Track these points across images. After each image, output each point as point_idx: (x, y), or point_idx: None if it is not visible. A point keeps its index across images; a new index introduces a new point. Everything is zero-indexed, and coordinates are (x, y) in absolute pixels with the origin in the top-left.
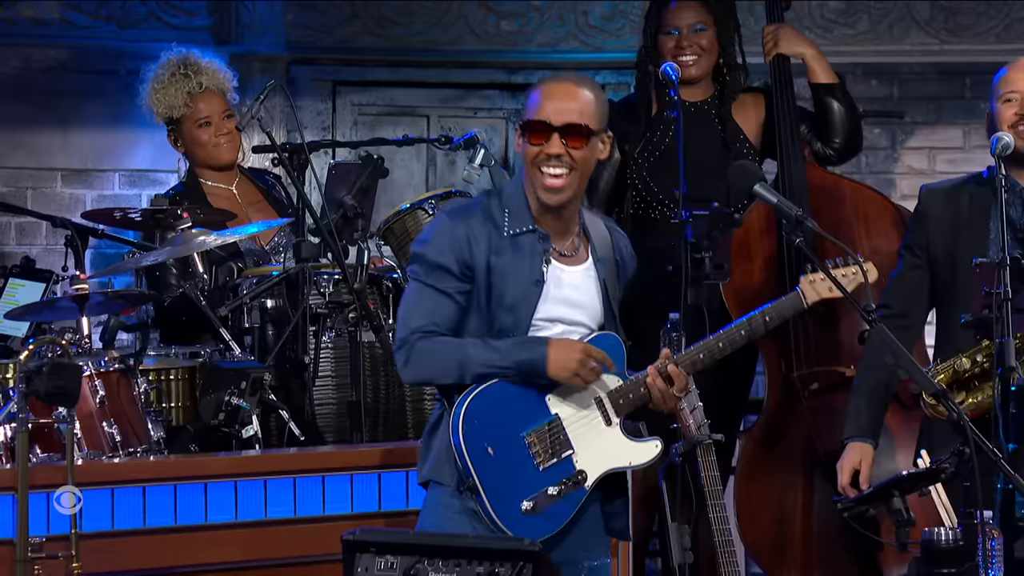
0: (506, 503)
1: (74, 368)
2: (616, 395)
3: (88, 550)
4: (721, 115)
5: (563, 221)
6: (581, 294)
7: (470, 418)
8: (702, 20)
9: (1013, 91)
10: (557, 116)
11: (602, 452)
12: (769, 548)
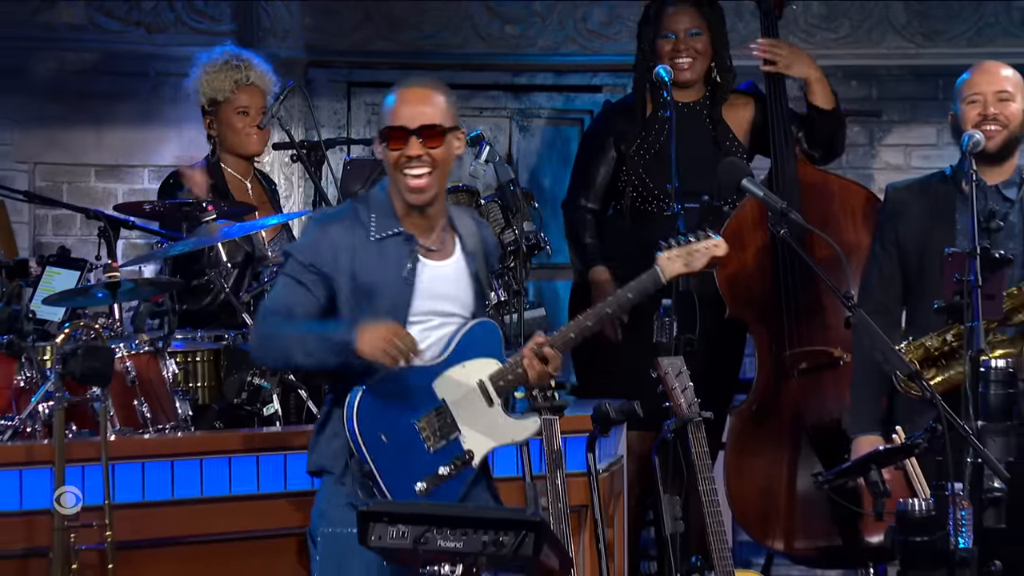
0: (401, 485)
1: (107, 350)
2: (496, 378)
3: (120, 519)
4: (712, 115)
5: (429, 219)
6: (452, 287)
7: (363, 409)
8: (697, 25)
9: (976, 93)
10: (412, 120)
11: (486, 431)
12: (756, 517)
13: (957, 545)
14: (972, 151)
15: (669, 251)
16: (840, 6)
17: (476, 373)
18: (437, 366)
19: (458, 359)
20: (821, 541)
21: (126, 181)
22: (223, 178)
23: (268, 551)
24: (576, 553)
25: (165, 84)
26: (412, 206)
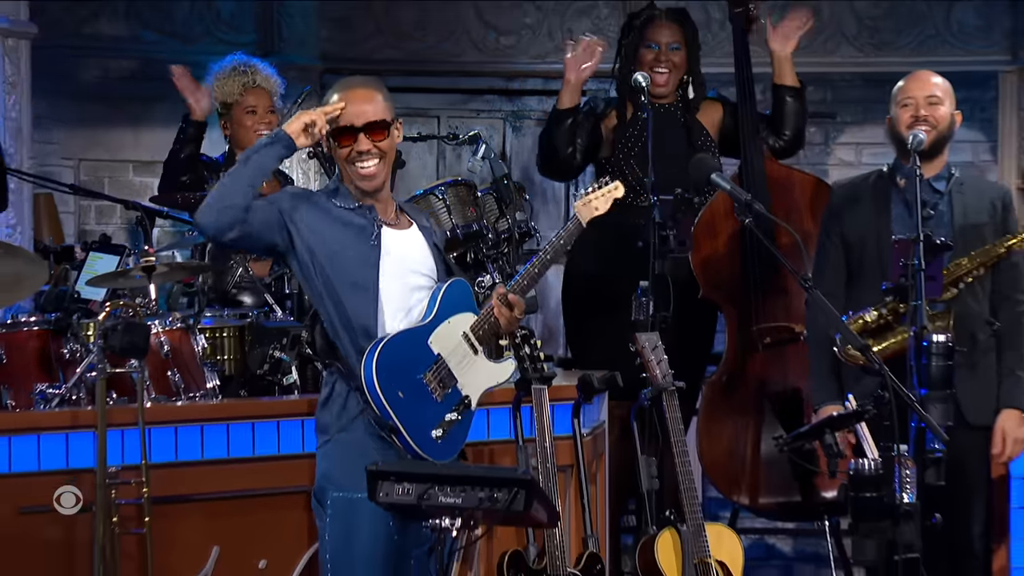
0: (422, 434)
1: (143, 327)
2: (475, 328)
3: (155, 477)
4: (687, 117)
5: (381, 201)
6: (416, 252)
7: (380, 372)
8: (678, 40)
9: (909, 97)
10: (359, 119)
11: (476, 377)
12: (725, 474)
13: (902, 500)
14: (916, 149)
15: (582, 199)
16: None
17: (460, 327)
18: (428, 325)
19: (444, 316)
20: (782, 496)
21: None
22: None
23: (286, 506)
24: (563, 508)
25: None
26: (365, 192)
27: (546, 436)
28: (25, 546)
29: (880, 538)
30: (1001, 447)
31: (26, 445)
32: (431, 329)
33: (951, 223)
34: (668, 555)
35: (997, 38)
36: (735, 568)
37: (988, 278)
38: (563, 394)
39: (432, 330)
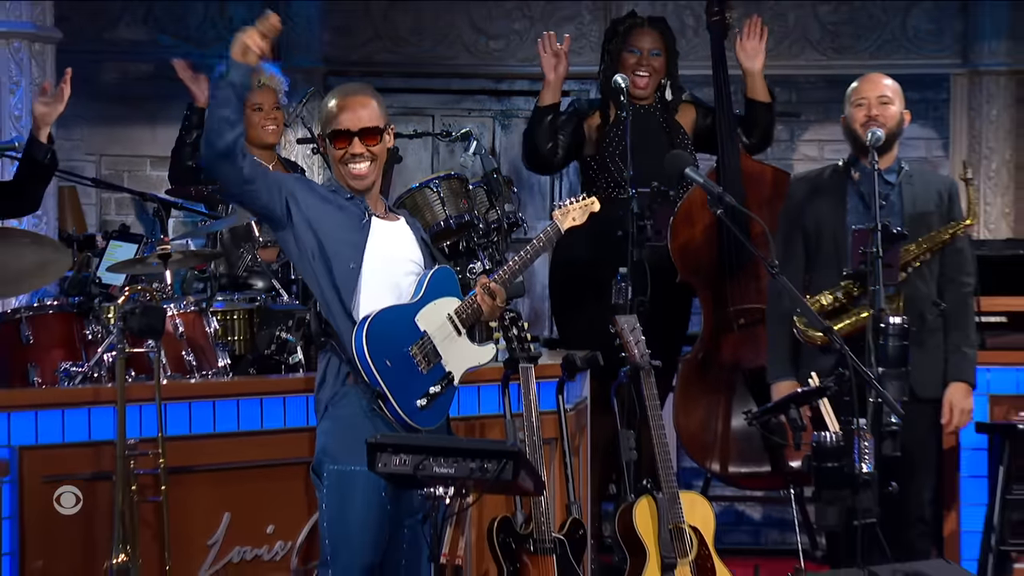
0: (406, 402)
1: (160, 310)
2: (460, 311)
3: (171, 449)
4: (666, 116)
5: (372, 198)
6: (404, 242)
7: (370, 341)
8: (658, 47)
9: (862, 98)
10: (354, 124)
11: (459, 356)
12: (699, 444)
13: (861, 470)
14: (874, 145)
15: (561, 209)
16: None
17: (445, 308)
18: (417, 303)
19: (430, 298)
20: (751, 466)
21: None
22: None
23: (292, 475)
24: (548, 478)
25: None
26: (357, 190)
27: (532, 411)
28: (50, 516)
29: (841, 505)
30: (949, 417)
31: (51, 419)
32: (419, 308)
33: (901, 212)
34: (645, 521)
35: (949, 43)
36: (707, 533)
37: (935, 262)
38: (548, 372)
39: (420, 308)
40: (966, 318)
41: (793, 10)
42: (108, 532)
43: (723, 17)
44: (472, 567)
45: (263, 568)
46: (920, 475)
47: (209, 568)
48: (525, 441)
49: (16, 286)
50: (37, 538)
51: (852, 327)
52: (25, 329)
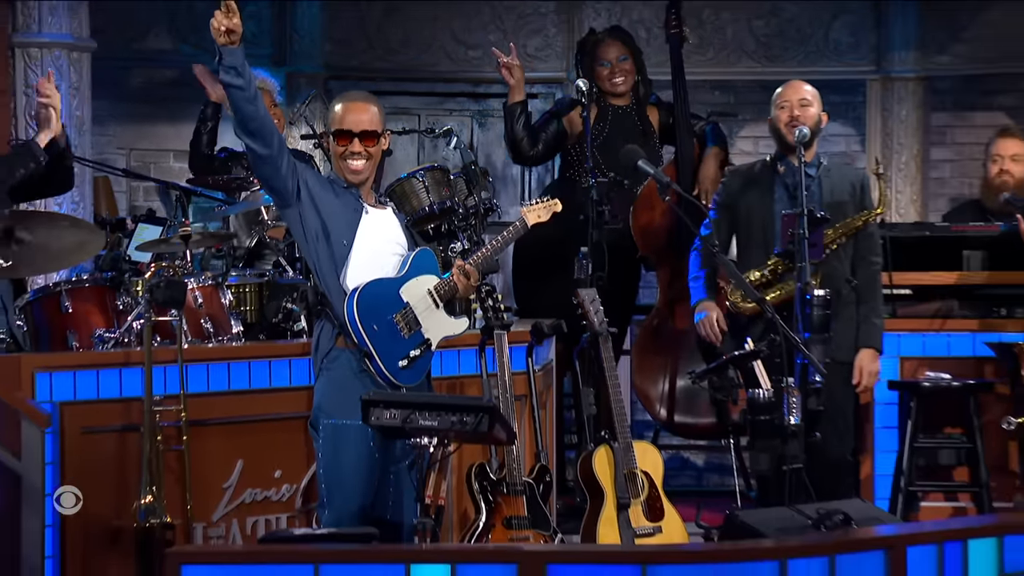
0: (389, 362)
1: (181, 283)
2: (438, 288)
3: (191, 404)
4: (639, 115)
5: (364, 189)
6: (387, 226)
7: (360, 309)
8: (624, 52)
9: (786, 100)
10: (356, 126)
11: (437, 325)
12: (653, 398)
13: (789, 422)
14: (800, 141)
15: (529, 207)
16: (707, 37)
17: (425, 284)
18: (401, 278)
19: (413, 274)
20: (696, 418)
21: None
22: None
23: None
24: (519, 429)
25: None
26: (352, 183)
27: (505, 372)
28: (87, 461)
29: (772, 452)
30: (859, 378)
31: (87, 378)
32: (403, 282)
33: (820, 201)
34: (603, 467)
35: (865, 53)
36: (656, 477)
37: (849, 244)
38: (519, 338)
39: (404, 282)
40: (875, 292)
41: (731, 24)
42: (137, 476)
43: (680, 29)
44: (453, 507)
45: (271, 507)
46: (840, 427)
47: (224, 508)
48: (499, 398)
49: (57, 263)
50: (76, 481)
51: (778, 299)
52: (65, 300)
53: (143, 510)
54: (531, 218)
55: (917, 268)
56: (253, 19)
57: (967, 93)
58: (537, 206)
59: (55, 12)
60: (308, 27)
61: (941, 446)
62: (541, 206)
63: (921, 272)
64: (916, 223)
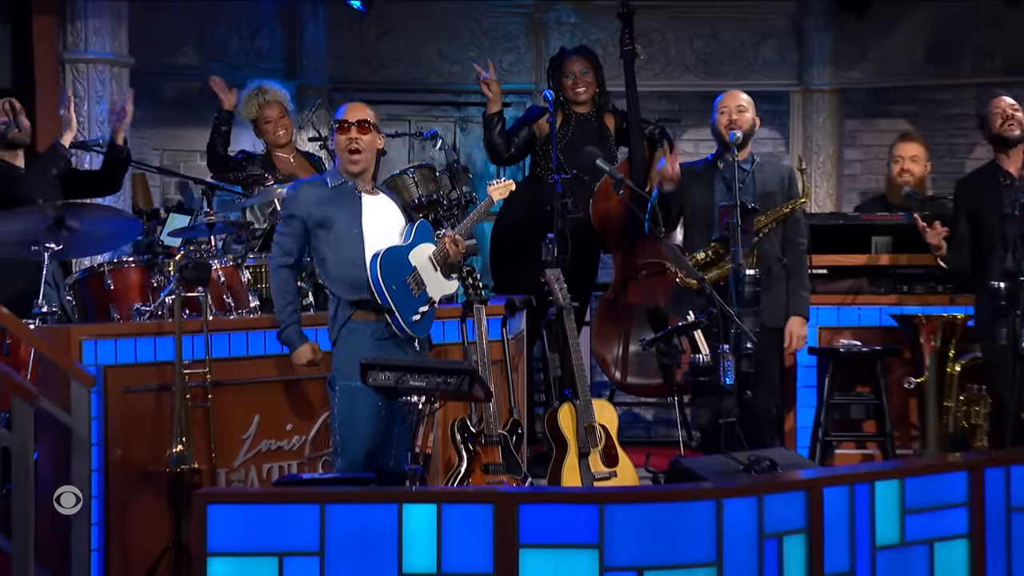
0: (406, 316)
1: (207, 264)
2: (436, 254)
3: (215, 367)
4: (599, 120)
5: (364, 179)
6: (385, 207)
7: (382, 271)
8: (587, 67)
9: (725, 107)
10: (352, 118)
11: (437, 285)
12: (609, 362)
13: (725, 382)
14: (734, 143)
15: (493, 186)
16: (655, 55)
17: (426, 251)
18: (409, 245)
19: (417, 242)
20: (646, 379)
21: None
22: (271, 159)
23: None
24: (494, 389)
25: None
26: (352, 173)
27: (483, 340)
28: (126, 417)
29: (710, 408)
30: (789, 342)
31: (127, 345)
32: (410, 249)
33: (754, 192)
34: (567, 421)
35: (788, 69)
36: (612, 429)
37: (779, 229)
38: (495, 311)
39: (411, 249)
40: (802, 269)
41: (675, 44)
42: (169, 429)
43: (632, 47)
44: (439, 455)
45: (284, 455)
46: (768, 386)
47: (244, 456)
48: (477, 362)
49: (100, 247)
50: (117, 433)
51: (718, 277)
52: (107, 279)
53: (174, 457)
54: (496, 195)
55: (833, 252)
56: (268, 38)
57: (874, 103)
58: (499, 185)
59: (99, 33)
60: (314, 45)
61: (852, 402)
62: (502, 185)
63: (836, 255)
64: (832, 213)
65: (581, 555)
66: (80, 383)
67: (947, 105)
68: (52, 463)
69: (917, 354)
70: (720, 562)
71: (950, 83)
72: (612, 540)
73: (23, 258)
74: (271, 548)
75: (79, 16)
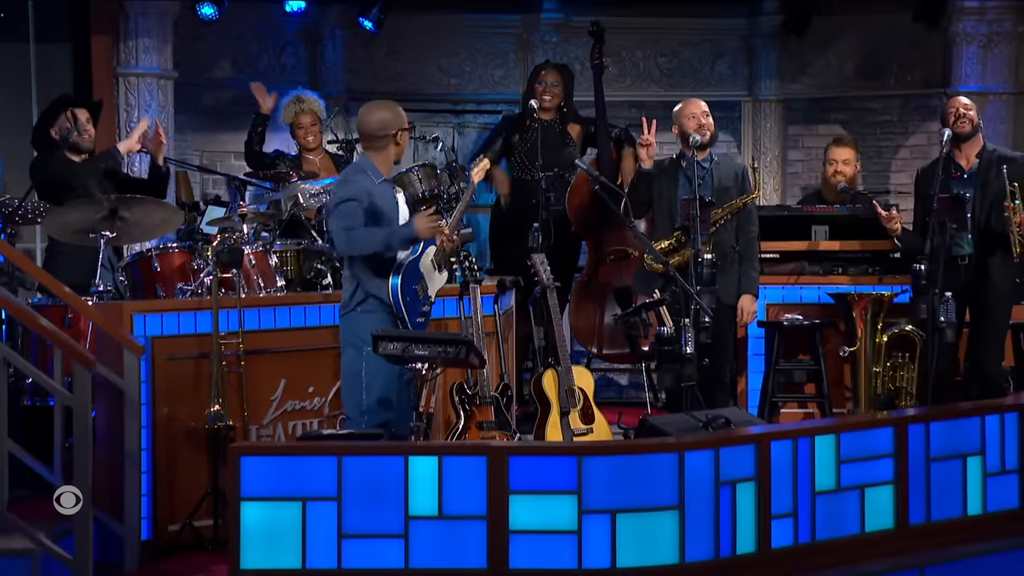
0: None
1: (239, 250)
2: (436, 257)
3: (248, 339)
4: (562, 127)
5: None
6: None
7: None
8: (557, 80)
9: (691, 114)
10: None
11: (435, 284)
12: (585, 335)
13: (686, 351)
14: (695, 145)
15: (473, 170)
16: (625, 69)
17: (429, 255)
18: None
19: (425, 248)
20: (618, 349)
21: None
22: (300, 159)
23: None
24: (488, 357)
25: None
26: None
27: (478, 315)
28: (171, 380)
29: (674, 373)
30: (741, 316)
31: (171, 319)
32: (420, 258)
33: (712, 187)
34: (550, 384)
35: (740, 82)
36: (589, 392)
37: (733, 219)
38: (488, 290)
39: (420, 259)
40: (753, 253)
41: (642, 60)
42: (208, 391)
43: (601, 60)
44: (439, 414)
45: (306, 414)
46: (723, 354)
47: (272, 414)
48: (473, 334)
49: (149, 234)
50: (163, 394)
51: (680, 261)
52: (154, 262)
53: (212, 416)
54: (476, 176)
55: (778, 239)
56: (293, 56)
57: (813, 111)
58: (476, 168)
59: (148, 51)
60: (333, 61)
61: (795, 368)
62: (478, 167)
63: (781, 241)
64: (777, 206)
65: (562, 500)
66: (131, 352)
67: (875, 113)
68: (107, 420)
69: (850, 326)
70: (682, 506)
71: (877, 94)
72: (589, 487)
73: (82, 244)
74: (295, 494)
75: (131, 36)
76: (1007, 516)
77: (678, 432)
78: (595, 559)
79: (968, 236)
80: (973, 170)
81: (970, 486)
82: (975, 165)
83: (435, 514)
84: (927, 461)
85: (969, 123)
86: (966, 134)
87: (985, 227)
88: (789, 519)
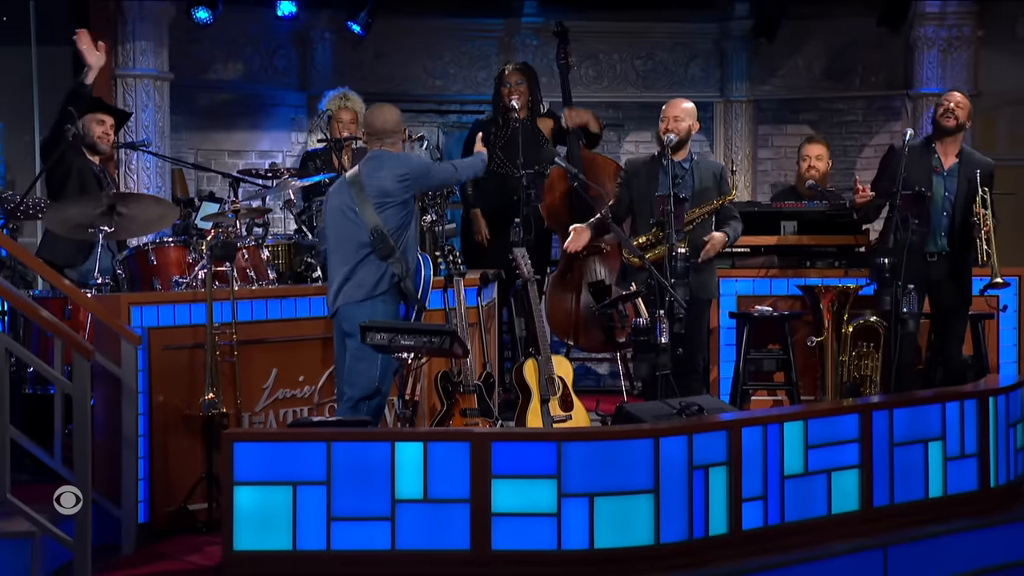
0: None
1: (233, 243)
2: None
3: (241, 329)
4: (532, 123)
5: None
6: None
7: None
8: (522, 79)
9: (665, 116)
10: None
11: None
12: (562, 326)
13: (661, 341)
14: (668, 144)
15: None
16: (602, 69)
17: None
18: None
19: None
20: (595, 339)
21: (243, 159)
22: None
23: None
24: (471, 347)
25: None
26: None
27: (461, 306)
28: (167, 369)
29: (649, 362)
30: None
31: (167, 311)
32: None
33: (692, 186)
34: (531, 373)
35: (712, 84)
36: (568, 380)
37: (711, 217)
38: (471, 283)
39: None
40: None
41: (619, 63)
42: (202, 380)
43: (567, 60)
44: (425, 401)
45: (297, 402)
46: (696, 344)
47: (264, 402)
48: (457, 325)
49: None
50: (159, 382)
51: (657, 256)
52: (151, 256)
53: (206, 403)
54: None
55: (749, 233)
56: (284, 58)
57: (782, 112)
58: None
59: (145, 53)
60: (322, 64)
61: (765, 358)
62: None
63: (752, 236)
64: (748, 202)
65: (542, 484)
66: (128, 342)
67: (841, 113)
68: (106, 408)
69: (818, 318)
70: (657, 489)
71: (843, 95)
72: (568, 471)
73: (81, 239)
74: (286, 478)
75: (128, 39)
76: (966, 498)
77: (653, 419)
78: (574, 540)
79: (942, 233)
80: (952, 169)
81: (931, 470)
82: (954, 164)
83: (420, 498)
84: (891, 446)
85: (954, 120)
86: (948, 129)
87: (961, 226)
88: (759, 502)
